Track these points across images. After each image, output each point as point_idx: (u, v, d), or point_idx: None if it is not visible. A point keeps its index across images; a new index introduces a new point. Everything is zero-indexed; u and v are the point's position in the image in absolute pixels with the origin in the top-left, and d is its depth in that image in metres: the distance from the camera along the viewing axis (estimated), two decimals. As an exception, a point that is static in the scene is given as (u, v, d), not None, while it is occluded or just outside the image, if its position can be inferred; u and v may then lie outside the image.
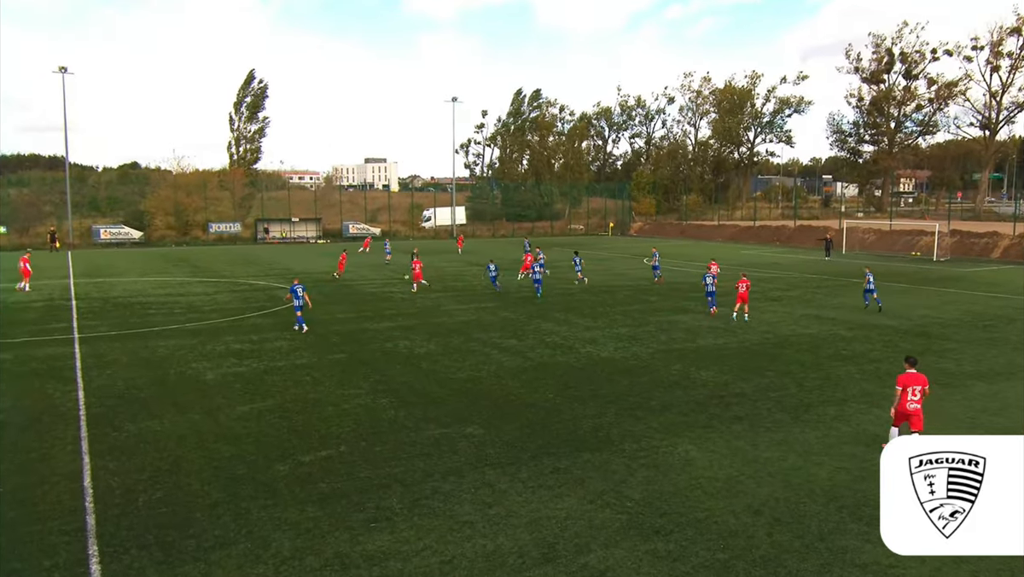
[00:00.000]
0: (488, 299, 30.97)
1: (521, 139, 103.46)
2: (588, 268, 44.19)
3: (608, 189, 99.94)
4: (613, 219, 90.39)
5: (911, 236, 57.77)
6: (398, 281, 37.55)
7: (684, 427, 13.66)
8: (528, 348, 20.76)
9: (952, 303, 30.00)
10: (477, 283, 36.82)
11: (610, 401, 15.37)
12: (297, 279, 26.16)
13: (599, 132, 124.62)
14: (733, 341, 21.93)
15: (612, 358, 19.53)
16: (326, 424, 13.87)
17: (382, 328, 23.95)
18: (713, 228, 78.91)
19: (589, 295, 32.33)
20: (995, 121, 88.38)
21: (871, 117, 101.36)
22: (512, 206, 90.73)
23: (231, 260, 51.26)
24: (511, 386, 16.62)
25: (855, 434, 13.25)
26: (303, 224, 75.69)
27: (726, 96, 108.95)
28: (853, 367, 18.55)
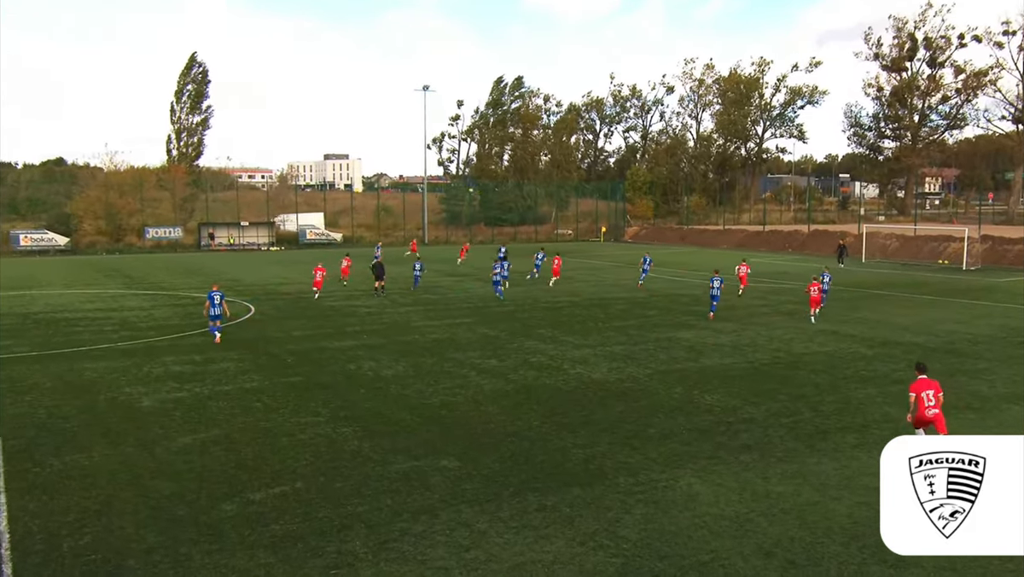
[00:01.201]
0: (464, 314, 30.95)
1: (501, 133, 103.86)
2: (578, 278, 44.26)
3: (600, 189, 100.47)
4: (605, 223, 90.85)
5: (937, 242, 58.51)
6: (362, 293, 37.44)
7: (687, 458, 13.69)
8: (510, 369, 20.74)
9: (984, 317, 30.36)
10: (452, 295, 36.81)
11: (603, 429, 15.38)
12: (216, 285, 26.48)
13: (589, 125, 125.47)
14: (741, 361, 22.05)
15: (605, 380, 19.55)
16: (280, 457, 13.75)
17: (344, 347, 23.84)
18: (718, 233, 79.49)
19: (579, 309, 32.41)
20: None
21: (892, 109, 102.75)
22: (491, 208, 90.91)
23: (171, 270, 50.88)
24: (491, 412, 16.59)
25: (878, 465, 13.29)
26: (253, 229, 75.35)
27: (731, 86, 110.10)
28: (874, 389, 18.70)
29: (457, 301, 34.83)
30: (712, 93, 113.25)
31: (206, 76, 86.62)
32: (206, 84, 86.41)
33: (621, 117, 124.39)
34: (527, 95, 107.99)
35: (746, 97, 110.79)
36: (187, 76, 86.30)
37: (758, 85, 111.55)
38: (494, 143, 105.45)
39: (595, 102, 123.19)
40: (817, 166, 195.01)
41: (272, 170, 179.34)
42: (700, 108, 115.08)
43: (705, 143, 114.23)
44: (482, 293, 37.32)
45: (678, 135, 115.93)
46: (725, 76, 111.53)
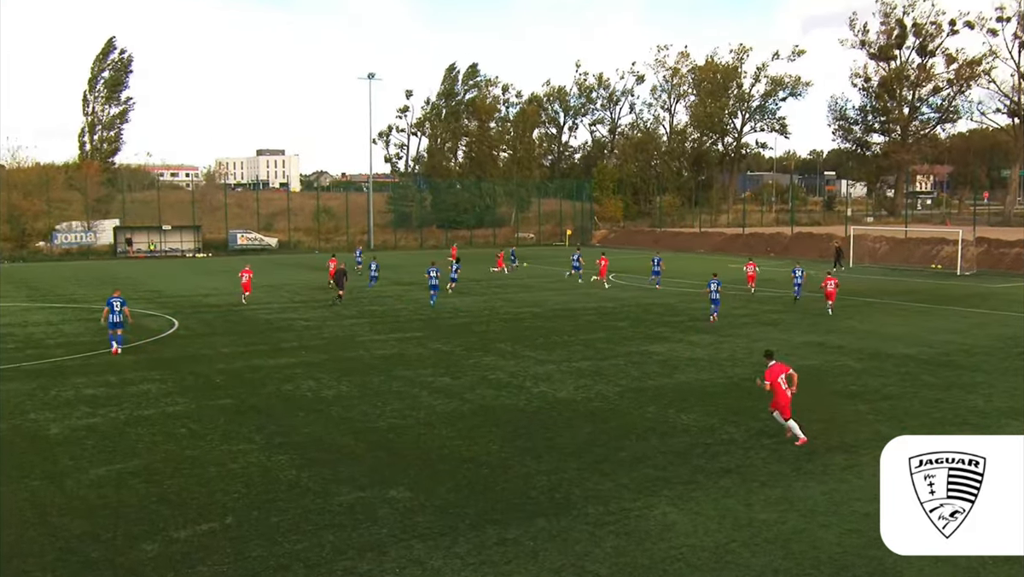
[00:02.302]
0: (415, 327, 30.87)
1: (455, 126, 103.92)
2: (541, 286, 44.41)
3: (564, 188, 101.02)
4: (571, 226, 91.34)
5: (930, 245, 59.77)
6: (301, 304, 37.17)
7: (662, 483, 13.77)
8: (466, 388, 20.72)
9: (980, 326, 31.06)
10: (400, 306, 36.69)
11: (570, 453, 15.41)
12: (118, 291, 26.45)
13: (552, 118, 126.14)
14: (719, 376, 22.27)
15: (572, 399, 19.61)
16: (207, 489, 13.57)
17: (280, 365, 23.66)
18: (693, 236, 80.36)
19: (542, 321, 32.50)
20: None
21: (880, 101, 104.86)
22: (445, 209, 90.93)
23: (82, 280, 50.03)
24: (445, 436, 16.55)
25: (868, 488, 13.54)
26: (177, 233, 74.43)
27: (707, 75, 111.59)
28: (864, 405, 19.01)
29: (407, 313, 34.73)
30: (687, 83, 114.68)
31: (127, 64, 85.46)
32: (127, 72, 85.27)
33: (587, 109, 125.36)
34: (483, 84, 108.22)
35: (723, 88, 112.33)
36: (103, 62, 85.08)
37: (736, 75, 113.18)
38: (447, 137, 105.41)
39: (558, 92, 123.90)
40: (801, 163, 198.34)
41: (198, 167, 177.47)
42: (674, 99, 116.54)
43: (679, 137, 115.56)
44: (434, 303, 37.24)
45: (649, 129, 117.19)
46: (701, 65, 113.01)
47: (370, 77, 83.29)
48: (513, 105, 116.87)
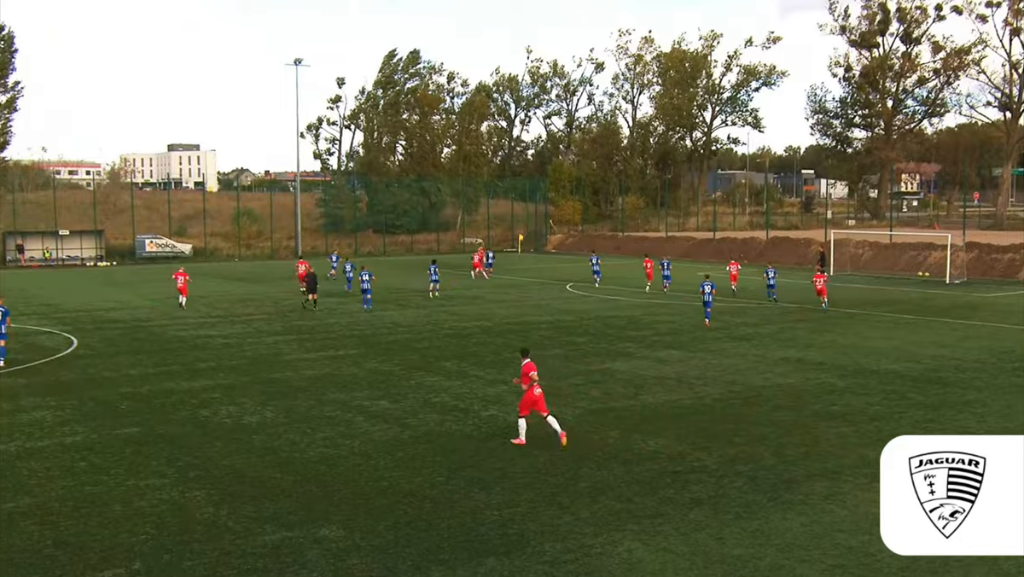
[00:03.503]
0: (349, 344, 30.70)
1: (394, 119, 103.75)
2: (490, 298, 44.43)
3: (516, 188, 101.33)
4: (523, 230, 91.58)
5: (917, 251, 60.98)
6: (219, 320, 36.76)
7: (626, 517, 13.83)
8: (407, 412, 20.65)
9: (971, 339, 31.74)
10: (332, 321, 36.46)
11: (523, 484, 15.41)
12: (1, 298, 26.32)
13: (502, 110, 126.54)
14: (689, 396, 22.45)
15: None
16: (111, 531, 13.33)
17: (195, 388, 23.40)
18: (660, 241, 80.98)
19: (492, 336, 32.51)
20: (1017, 99, 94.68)
21: (862, 92, 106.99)
22: (382, 212, 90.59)
23: (-33, 292, 48.92)
24: (383, 467, 16.46)
25: (853, 519, 13.75)
26: (76, 239, 73.22)
27: (674, 63, 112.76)
28: (848, 427, 19.29)
29: (339, 328, 34.52)
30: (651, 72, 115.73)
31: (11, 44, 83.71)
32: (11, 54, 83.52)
33: (541, 100, 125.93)
34: (426, 72, 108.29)
35: (692, 77, 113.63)
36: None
37: (706, 63, 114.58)
38: (385, 131, 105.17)
39: (508, 81, 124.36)
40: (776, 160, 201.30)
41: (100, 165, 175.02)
42: (637, 90, 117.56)
43: (643, 132, 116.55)
44: (370, 318, 37.10)
45: (610, 122, 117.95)
46: (666, 52, 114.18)
47: (297, 63, 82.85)
48: (459, 95, 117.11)
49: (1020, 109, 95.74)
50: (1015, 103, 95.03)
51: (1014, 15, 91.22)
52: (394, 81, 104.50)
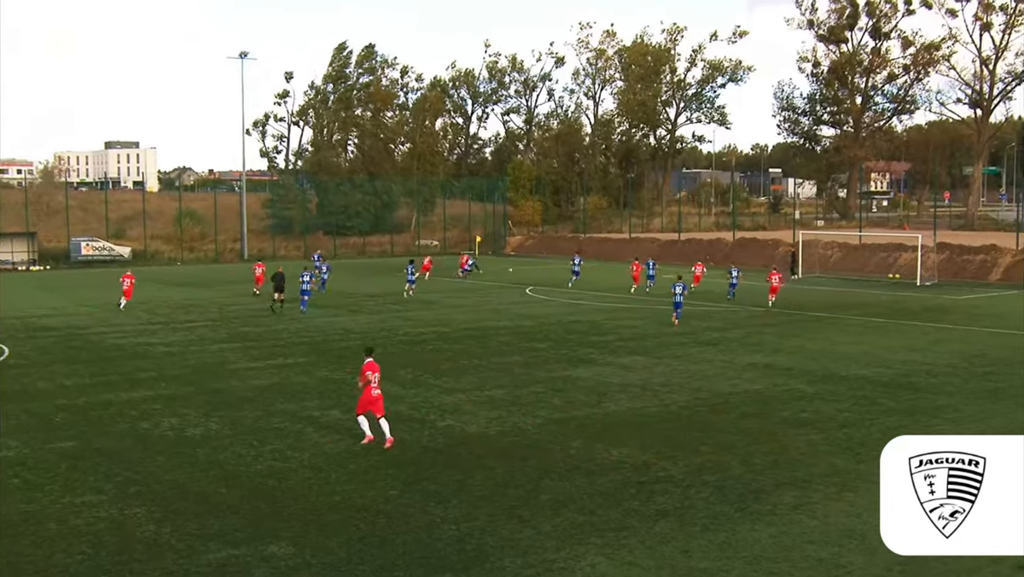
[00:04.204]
0: (298, 351, 30.51)
1: (346, 115, 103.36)
2: (447, 302, 44.39)
3: (474, 188, 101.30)
4: (481, 231, 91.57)
5: (887, 252, 61.82)
6: (160, 326, 36.41)
7: (589, 530, 13.86)
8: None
9: (943, 342, 32.23)
10: (281, 326, 36.24)
11: (482, 497, 15.41)
12: None
13: (459, 106, 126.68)
14: (654, 404, 22.56)
15: (484, 433, 19.62)
16: (46, 551, 13.15)
17: (135, 399, 23.12)
18: (623, 243, 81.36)
19: (449, 343, 32.48)
20: (988, 97, 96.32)
21: (831, 88, 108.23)
22: (333, 213, 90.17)
23: None
24: (335, 481, 16.38)
25: (823, 530, 13.89)
26: (7, 241, 72.14)
27: (637, 57, 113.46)
28: (817, 435, 19.49)
29: (288, 334, 34.30)
30: (613, 67, 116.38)
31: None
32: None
33: (499, 96, 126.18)
34: (379, 66, 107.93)
35: (655, 72, 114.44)
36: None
37: (670, 57, 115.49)
38: (335, 128, 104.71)
39: (465, 76, 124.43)
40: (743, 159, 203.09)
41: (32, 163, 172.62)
42: (599, 85, 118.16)
43: (605, 129, 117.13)
44: (321, 324, 36.93)
45: (572, 119, 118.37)
46: (629, 46, 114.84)
47: (242, 57, 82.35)
48: (413, 91, 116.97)
49: (991, 106, 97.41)
50: (985, 100, 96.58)
51: (984, 10, 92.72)
52: (345, 76, 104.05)
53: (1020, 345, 31.51)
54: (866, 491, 15.49)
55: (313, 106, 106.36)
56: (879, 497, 14.77)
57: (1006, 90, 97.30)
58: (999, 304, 44.27)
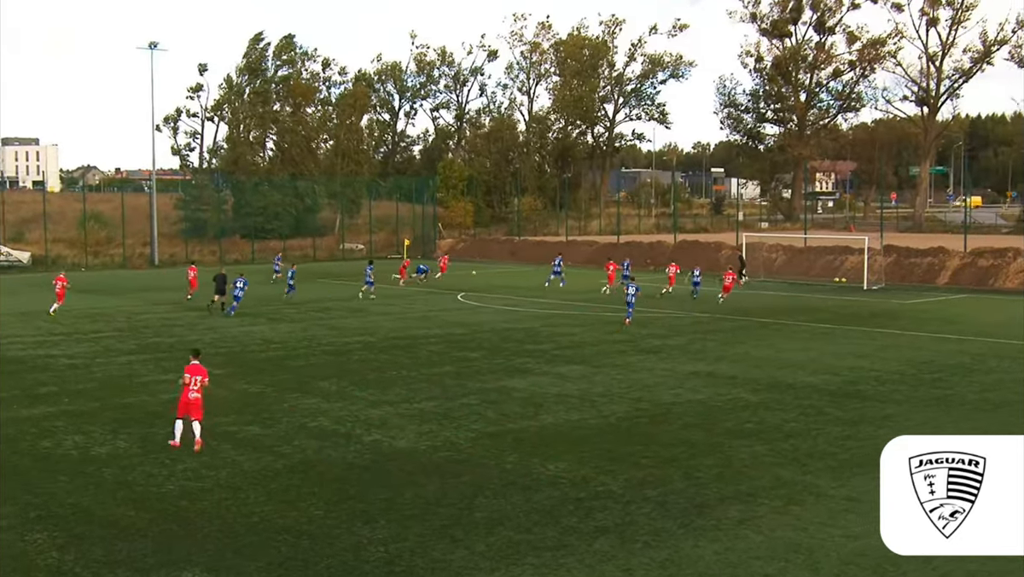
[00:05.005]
0: (214, 363, 30.03)
1: (264, 110, 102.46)
2: (373, 310, 44.24)
3: (402, 188, 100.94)
4: (410, 234, 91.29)
5: (833, 255, 62.83)
6: (63, 337, 35.72)
7: (525, 549, 13.88)
8: (281, 439, 20.41)
9: (890, 348, 32.87)
10: (195, 336, 35.74)
11: (412, 516, 15.36)
12: None
13: (385, 102, 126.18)
14: (593, 415, 22.67)
15: (414, 449, 19.57)
16: (-63, 582, 12.82)
17: (36, 416, 22.72)
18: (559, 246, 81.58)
19: (375, 353, 32.34)
20: (935, 94, 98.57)
21: (774, 85, 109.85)
22: (250, 215, 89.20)
23: None
24: (254, 501, 16.22)
25: (769, 545, 14.06)
26: None
27: (573, 51, 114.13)
28: (762, 446, 19.74)
29: (202, 345, 33.72)
30: (549, 61, 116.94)
31: None
32: None
33: (428, 91, 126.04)
34: (299, 58, 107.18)
35: (592, 67, 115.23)
36: None
37: (607, 51, 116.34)
38: (253, 124, 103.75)
39: (391, 69, 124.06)
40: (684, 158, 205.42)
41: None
42: (533, 80, 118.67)
43: (541, 126, 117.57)
44: (238, 333, 36.53)
45: (505, 115, 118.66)
46: (565, 39, 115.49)
47: (152, 47, 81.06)
48: (336, 85, 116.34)
49: (937, 104, 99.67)
50: (932, 97, 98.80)
51: (931, 4, 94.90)
52: (262, 68, 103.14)
53: (969, 351, 32.23)
54: (812, 504, 15.77)
55: (229, 101, 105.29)
56: (826, 510, 15.14)
57: (953, 87, 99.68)
58: (947, 308, 45.26)
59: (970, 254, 58.57)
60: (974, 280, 55.78)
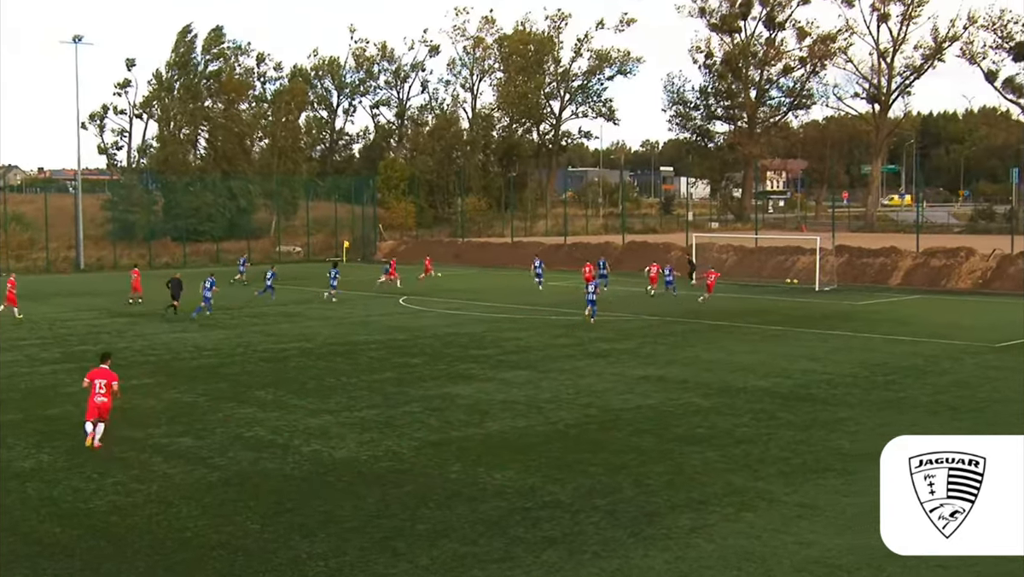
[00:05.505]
0: (144, 371, 29.80)
1: (194, 107, 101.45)
2: (311, 315, 44.00)
3: (341, 188, 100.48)
4: (349, 236, 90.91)
5: (784, 256, 63.53)
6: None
7: (471, 561, 13.88)
8: (215, 451, 20.24)
9: (842, 351, 33.31)
10: (123, 344, 35.31)
11: (352, 528, 15.30)
12: None
13: (322, 98, 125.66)
14: (540, 422, 22.72)
15: (354, 459, 19.51)
16: None
17: (-47, 429, 22.25)
18: (505, 248, 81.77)
19: (314, 359, 32.16)
20: (886, 91, 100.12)
21: (724, 81, 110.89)
22: (182, 216, 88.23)
23: None
24: (187, 515, 16.07)
25: (720, 554, 14.17)
26: None
27: (518, 46, 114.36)
28: (714, 452, 19.89)
29: (131, 353, 33.44)
30: (493, 56, 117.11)
31: None
32: None
33: (367, 87, 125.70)
34: (231, 52, 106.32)
35: (538, 63, 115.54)
36: None
37: (553, 47, 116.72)
38: (183, 122, 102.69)
39: (329, 64, 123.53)
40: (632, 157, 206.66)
41: None
42: (477, 76, 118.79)
43: (485, 124, 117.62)
44: (169, 340, 36.14)
45: (448, 112, 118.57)
46: (509, 34, 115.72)
47: (76, 41, 79.96)
48: (271, 81, 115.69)
49: (889, 101, 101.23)
50: (883, 94, 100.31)
51: (881, 1, 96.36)
52: (192, 63, 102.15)
53: (922, 352, 32.74)
54: (765, 510, 15.93)
55: (158, 97, 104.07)
56: (778, 517, 15.31)
57: (904, 84, 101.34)
58: (900, 309, 45.94)
59: (922, 254, 59.49)
60: (926, 280, 56.67)
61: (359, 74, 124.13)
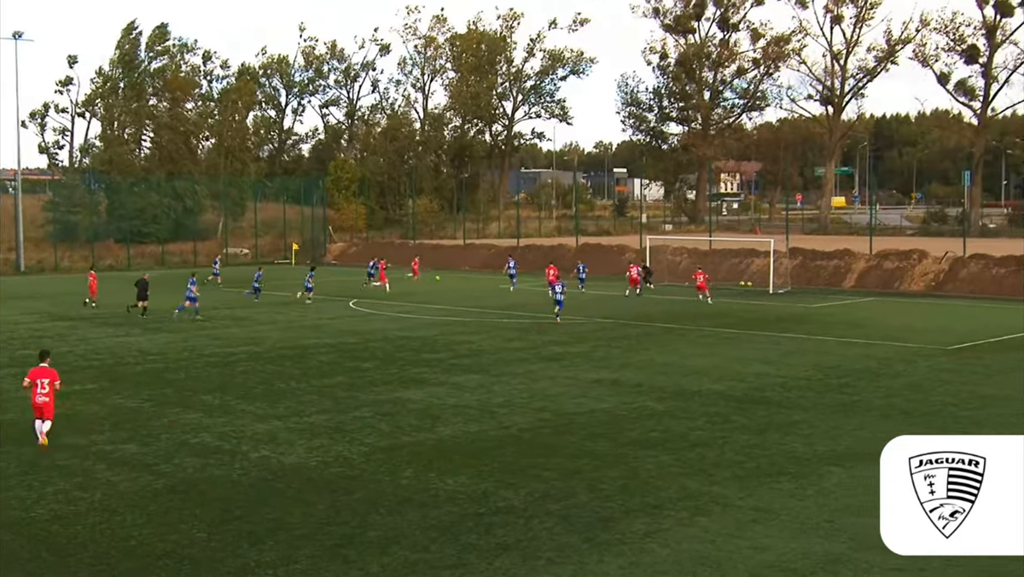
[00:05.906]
0: (87, 376, 29.47)
1: (139, 106, 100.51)
2: (259, 318, 43.76)
3: (289, 189, 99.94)
4: (298, 238, 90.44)
5: (739, 258, 64.03)
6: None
7: (423, 568, 13.86)
8: (160, 457, 20.06)
9: (796, 354, 33.63)
10: (66, 348, 34.91)
11: (302, 536, 15.23)
12: None
13: (271, 97, 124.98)
14: (493, 426, 22.73)
15: (303, 465, 19.42)
16: None
17: None
18: (457, 251, 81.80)
19: (262, 363, 31.97)
20: (839, 93, 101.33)
21: (678, 83, 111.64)
22: (126, 217, 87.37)
23: None
24: (131, 524, 15.92)
25: (675, 559, 14.26)
26: None
27: (470, 46, 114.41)
28: (668, 456, 20.00)
29: (73, 357, 33.06)
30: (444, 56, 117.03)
31: None
32: None
33: (317, 86, 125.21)
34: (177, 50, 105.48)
35: (490, 62, 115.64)
36: None
37: (505, 46, 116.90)
38: (127, 121, 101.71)
39: (278, 63, 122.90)
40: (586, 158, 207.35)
41: None
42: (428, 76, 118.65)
43: (436, 124, 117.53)
44: (112, 345, 35.77)
45: (399, 112, 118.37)
46: (461, 33, 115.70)
47: (16, 37, 79.02)
48: (218, 79, 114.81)
49: (842, 103, 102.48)
50: (837, 96, 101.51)
51: (834, 2, 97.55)
52: (136, 60, 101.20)
53: (875, 355, 33.13)
54: (719, 515, 16.04)
55: (101, 95, 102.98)
56: (733, 521, 15.45)
57: (858, 86, 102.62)
58: (853, 312, 46.45)
59: (876, 256, 60.22)
60: (880, 283, 57.35)
61: (308, 73, 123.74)
